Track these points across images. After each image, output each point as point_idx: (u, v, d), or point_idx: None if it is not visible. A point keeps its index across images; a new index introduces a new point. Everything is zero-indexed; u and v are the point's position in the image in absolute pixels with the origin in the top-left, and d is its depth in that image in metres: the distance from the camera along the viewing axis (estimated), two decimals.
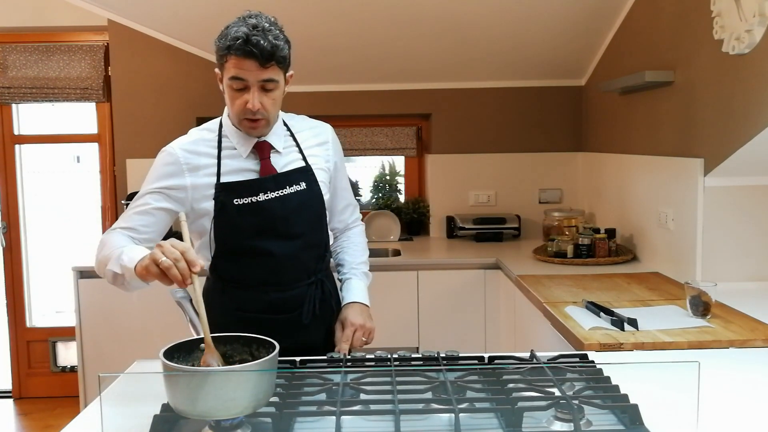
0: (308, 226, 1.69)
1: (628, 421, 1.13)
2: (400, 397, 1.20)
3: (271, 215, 1.63)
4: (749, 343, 1.72)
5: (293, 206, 1.65)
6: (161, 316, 3.02)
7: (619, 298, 2.17)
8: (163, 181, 1.61)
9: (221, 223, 1.63)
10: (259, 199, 1.62)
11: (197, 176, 1.62)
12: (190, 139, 1.67)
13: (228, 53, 1.52)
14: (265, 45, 1.50)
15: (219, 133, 1.66)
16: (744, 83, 2.06)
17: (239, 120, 1.60)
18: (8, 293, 3.84)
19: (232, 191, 1.62)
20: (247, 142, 1.65)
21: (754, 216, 2.36)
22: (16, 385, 3.85)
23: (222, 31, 1.57)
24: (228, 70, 1.54)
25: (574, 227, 3.16)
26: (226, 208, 1.61)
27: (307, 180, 1.69)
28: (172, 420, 1.15)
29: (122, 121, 3.65)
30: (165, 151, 1.64)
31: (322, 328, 1.76)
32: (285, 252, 1.65)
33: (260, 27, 1.52)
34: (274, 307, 1.68)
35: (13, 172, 3.79)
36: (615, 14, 3.06)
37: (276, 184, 1.64)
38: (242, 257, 1.65)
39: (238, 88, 1.55)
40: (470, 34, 3.21)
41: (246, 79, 1.53)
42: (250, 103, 1.54)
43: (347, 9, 3.02)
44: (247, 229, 1.63)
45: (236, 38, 1.50)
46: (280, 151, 1.68)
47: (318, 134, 1.77)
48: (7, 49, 3.64)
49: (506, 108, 3.69)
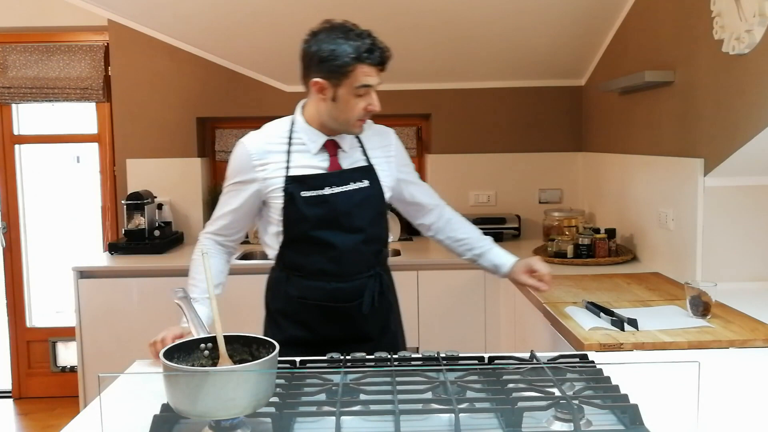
0: (369, 221, 1.79)
1: (628, 421, 1.13)
2: (400, 397, 1.20)
3: (335, 208, 1.74)
4: (749, 343, 1.72)
5: (356, 201, 1.76)
6: (161, 316, 3.02)
7: (619, 299, 2.17)
8: (237, 177, 1.77)
9: (289, 213, 1.74)
10: (324, 192, 1.73)
11: (267, 170, 1.74)
12: (263, 133, 1.80)
13: (357, 63, 1.65)
14: (387, 53, 1.70)
15: (290, 130, 1.78)
16: (744, 83, 2.06)
17: (353, 122, 1.73)
18: (8, 293, 3.84)
19: (300, 183, 1.73)
20: (318, 139, 1.77)
21: (754, 216, 2.36)
22: (16, 385, 3.85)
23: (321, 39, 1.69)
24: (355, 79, 1.66)
25: (574, 227, 3.16)
26: (294, 199, 1.72)
27: (370, 178, 1.80)
28: (172, 420, 1.15)
29: (122, 121, 3.65)
30: (240, 144, 1.78)
31: (379, 320, 1.86)
32: (347, 244, 1.75)
33: (373, 35, 1.70)
34: (334, 297, 1.78)
35: (13, 172, 3.79)
36: (615, 14, 3.06)
37: (341, 180, 1.76)
38: (307, 247, 1.76)
39: (363, 93, 1.69)
40: (470, 34, 3.21)
41: (371, 84, 1.70)
42: (372, 105, 1.72)
43: (347, 9, 3.01)
44: (313, 220, 1.73)
45: (369, 48, 1.66)
46: (346, 150, 1.79)
47: (381, 138, 1.89)
48: (7, 49, 3.64)
49: (506, 108, 3.69)
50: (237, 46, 3.44)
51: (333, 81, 1.68)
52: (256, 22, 3.14)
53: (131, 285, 3.08)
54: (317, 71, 1.68)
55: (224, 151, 3.84)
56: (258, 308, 3.08)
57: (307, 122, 1.78)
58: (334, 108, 1.71)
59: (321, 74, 1.68)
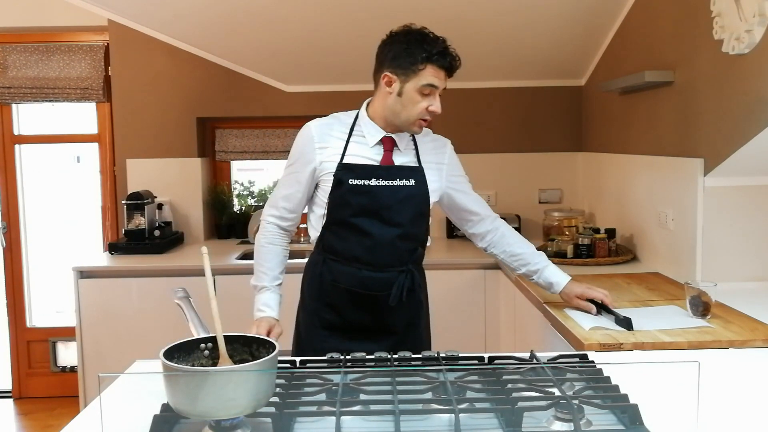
0: (409, 219, 1.87)
1: (628, 421, 1.13)
2: (400, 397, 1.20)
3: (378, 200, 1.83)
4: (749, 343, 1.72)
5: (400, 197, 1.84)
6: (161, 316, 3.02)
7: (619, 298, 2.16)
8: (300, 157, 1.88)
9: (335, 197, 1.84)
10: (371, 183, 1.82)
11: (325, 153, 1.85)
12: (328, 120, 1.91)
13: (427, 62, 1.75)
14: (456, 60, 1.81)
15: (354, 122, 1.89)
16: (744, 83, 2.06)
17: (414, 120, 1.81)
18: (8, 293, 3.84)
19: (349, 171, 1.83)
20: (377, 133, 1.86)
21: (754, 216, 2.36)
22: (16, 385, 3.85)
23: (397, 39, 1.81)
24: (423, 77, 1.76)
25: (574, 227, 3.16)
26: (342, 184, 1.82)
27: (417, 179, 1.87)
28: (172, 420, 1.15)
29: (122, 121, 3.65)
30: (305, 127, 1.90)
31: (406, 315, 1.93)
32: (383, 236, 1.84)
33: (448, 43, 1.80)
34: (364, 284, 1.86)
35: (13, 172, 3.79)
36: (615, 14, 3.06)
37: (389, 174, 1.84)
38: (345, 233, 1.85)
39: (427, 93, 1.78)
40: (470, 34, 3.21)
41: (437, 86, 1.78)
42: (434, 107, 1.80)
43: (347, 9, 3.02)
44: (355, 207, 1.83)
45: (440, 52, 1.76)
46: (401, 149, 1.89)
47: (436, 145, 1.98)
48: (7, 49, 3.64)
49: (506, 108, 3.69)
50: (237, 46, 3.44)
51: (402, 77, 1.78)
52: (256, 22, 3.14)
53: (131, 285, 3.09)
54: (390, 66, 1.80)
55: (224, 151, 3.84)
56: None
57: (370, 117, 1.88)
58: (398, 103, 1.81)
59: (392, 69, 1.79)
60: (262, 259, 1.94)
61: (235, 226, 3.81)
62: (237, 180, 3.98)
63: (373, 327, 1.90)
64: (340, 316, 1.91)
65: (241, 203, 3.91)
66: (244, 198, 3.92)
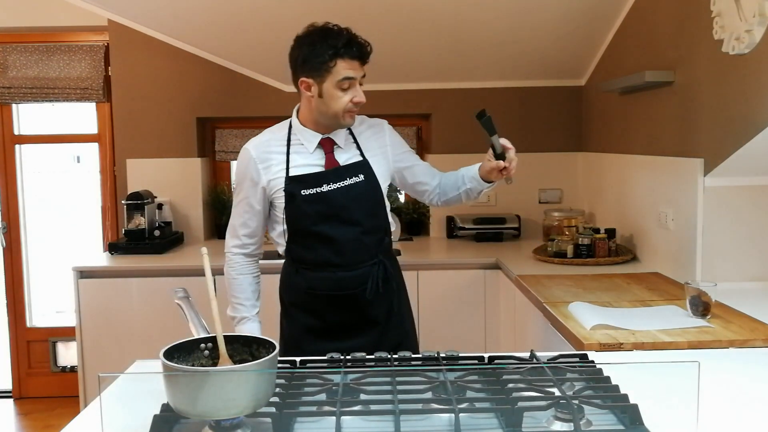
0: (366, 214, 1.89)
1: (628, 421, 1.13)
2: (400, 397, 1.20)
3: (333, 204, 1.84)
4: (749, 343, 1.72)
5: (353, 196, 1.86)
6: (161, 316, 3.02)
7: (619, 298, 2.17)
8: (246, 181, 1.88)
9: (291, 211, 1.86)
10: (322, 189, 1.84)
11: (270, 172, 1.86)
12: (264, 138, 1.91)
13: (336, 58, 1.76)
14: (366, 47, 1.80)
15: (288, 132, 1.90)
16: (744, 83, 2.06)
17: (343, 114, 1.82)
18: (8, 293, 3.84)
19: (299, 183, 1.84)
20: (314, 138, 1.88)
21: (754, 216, 2.36)
22: (16, 385, 3.85)
23: (303, 42, 1.81)
24: (337, 73, 1.77)
25: (574, 227, 3.16)
26: (295, 198, 1.84)
27: (365, 173, 1.89)
28: (172, 420, 1.15)
29: (122, 121, 3.65)
30: (243, 150, 1.90)
31: (385, 304, 1.96)
32: (346, 236, 1.86)
33: (351, 31, 1.80)
34: (340, 286, 1.89)
35: (13, 172, 3.79)
36: (615, 14, 3.06)
37: (337, 176, 1.86)
38: (310, 241, 1.87)
39: (346, 87, 1.79)
40: (470, 34, 3.21)
41: (354, 77, 1.79)
42: (358, 98, 1.81)
43: (347, 9, 3.01)
44: (313, 216, 1.85)
45: (346, 44, 1.76)
46: (342, 146, 1.90)
47: (374, 130, 1.98)
48: (7, 49, 3.64)
49: (506, 108, 3.69)
50: (237, 46, 3.44)
51: (317, 78, 1.79)
52: (256, 22, 3.14)
53: (131, 285, 3.09)
54: (302, 71, 1.81)
55: (224, 151, 3.84)
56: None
57: (301, 123, 1.89)
58: (321, 104, 1.82)
59: (306, 73, 1.80)
60: (236, 291, 1.96)
61: None
62: None
63: (356, 323, 1.93)
64: (321, 320, 1.93)
65: None
66: None
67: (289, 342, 1.98)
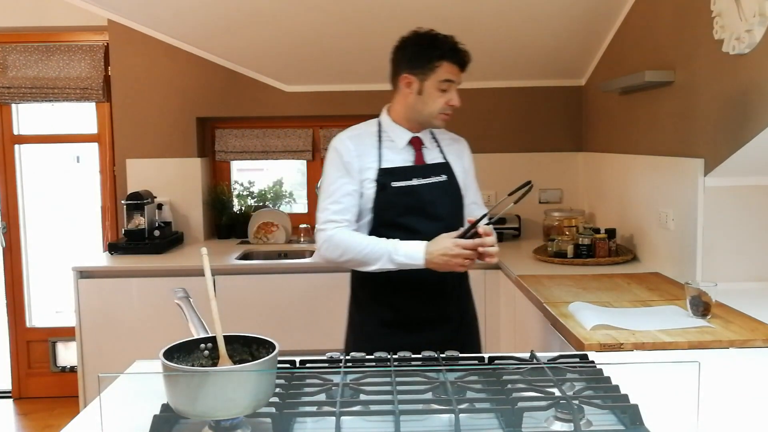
0: (449, 211, 1.98)
1: (628, 421, 1.13)
2: (400, 397, 1.20)
3: (421, 198, 1.92)
4: (749, 343, 1.72)
5: (438, 193, 1.95)
6: (161, 316, 3.02)
7: (619, 299, 2.17)
8: (342, 167, 1.92)
9: (380, 201, 1.91)
10: (412, 183, 1.92)
11: (364, 162, 1.92)
12: (355, 132, 1.98)
13: (442, 59, 1.87)
14: (467, 55, 1.91)
15: (378, 130, 1.98)
16: (744, 83, 2.06)
17: (436, 114, 1.92)
18: (8, 293, 3.84)
19: (390, 175, 1.91)
20: (405, 135, 1.97)
21: (754, 216, 2.36)
22: (15, 385, 3.85)
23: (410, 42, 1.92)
24: (440, 74, 1.88)
25: (574, 227, 3.16)
26: (386, 188, 1.90)
27: (447, 173, 1.99)
28: (172, 420, 1.15)
29: (122, 121, 3.65)
30: (339, 140, 1.95)
31: (459, 303, 2.02)
32: (429, 230, 1.88)
33: (456, 40, 1.90)
34: (419, 279, 1.91)
35: (13, 172, 3.79)
36: (615, 14, 3.06)
37: (425, 173, 1.95)
38: (394, 233, 1.89)
39: (445, 89, 1.90)
40: (470, 34, 3.19)
41: (454, 81, 1.91)
42: (454, 101, 1.93)
43: (347, 9, 3.02)
44: (401, 208, 1.91)
45: (451, 49, 1.88)
46: (427, 146, 2.00)
47: (457, 145, 2.10)
48: (7, 49, 3.64)
49: (506, 108, 3.69)
50: (237, 46, 3.44)
51: (420, 76, 1.90)
52: (256, 22, 3.14)
53: (131, 285, 3.09)
54: (407, 68, 1.91)
55: (224, 151, 3.84)
56: (257, 308, 3.09)
57: (393, 121, 1.98)
58: (419, 101, 1.92)
59: (410, 70, 1.91)
60: (360, 240, 1.86)
61: (234, 226, 3.81)
62: (237, 180, 3.98)
63: (431, 318, 1.96)
64: (399, 314, 1.96)
65: (241, 203, 3.91)
66: (244, 198, 3.92)
67: (361, 335, 2.01)
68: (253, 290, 3.09)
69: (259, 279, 3.09)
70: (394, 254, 1.82)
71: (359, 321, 2.04)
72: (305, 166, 3.95)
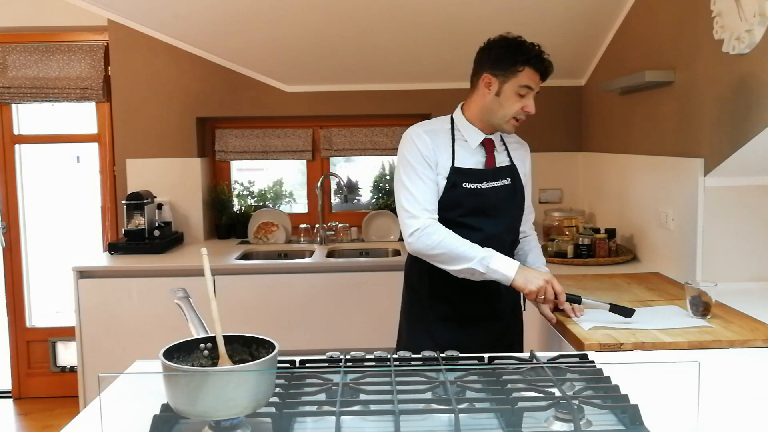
0: (511, 214, 2.03)
1: (628, 421, 1.13)
2: (400, 397, 1.20)
3: (487, 201, 1.95)
4: (749, 343, 1.72)
5: (502, 196, 1.98)
6: (161, 316, 3.02)
7: (619, 298, 2.16)
8: (423, 159, 1.92)
9: (448, 199, 1.93)
10: (482, 186, 1.94)
11: (439, 157, 1.93)
12: (429, 127, 1.99)
13: (526, 65, 1.88)
14: (550, 66, 1.92)
15: (452, 127, 1.99)
16: (744, 83, 2.06)
17: (509, 118, 1.93)
18: (8, 293, 3.84)
19: (463, 175, 1.94)
20: (478, 136, 1.98)
21: (755, 216, 2.36)
22: (15, 385, 3.85)
23: (496, 44, 1.92)
24: (521, 78, 1.89)
25: (574, 227, 3.16)
26: (456, 187, 1.93)
27: (513, 177, 2.02)
28: (172, 420, 1.15)
29: (122, 121, 3.65)
30: (415, 133, 1.95)
31: (510, 301, 2.07)
32: (492, 230, 1.95)
33: (542, 49, 1.91)
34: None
35: (13, 172, 3.79)
36: (615, 14, 3.06)
37: (494, 176, 1.98)
38: (457, 229, 1.90)
39: (523, 94, 1.90)
40: (470, 34, 3.20)
41: (533, 88, 1.91)
42: (530, 108, 1.93)
43: (347, 9, 3.02)
44: (467, 208, 1.93)
45: (536, 56, 1.88)
46: (497, 149, 2.02)
47: (523, 150, 2.12)
48: (7, 49, 3.64)
49: None
50: (237, 46, 3.44)
51: (501, 77, 1.91)
52: (256, 22, 3.14)
53: (131, 285, 3.08)
54: (490, 68, 1.92)
55: (224, 151, 3.84)
56: (257, 308, 3.09)
57: (467, 119, 1.99)
58: (495, 102, 1.93)
59: (492, 71, 1.92)
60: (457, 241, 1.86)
61: (234, 226, 3.81)
62: (237, 180, 3.98)
63: (483, 314, 2.01)
64: (453, 308, 1.99)
65: (241, 203, 3.91)
66: (244, 198, 3.92)
67: (415, 329, 2.04)
68: (253, 290, 3.09)
69: (259, 279, 3.09)
70: (489, 259, 1.83)
71: (411, 314, 2.07)
72: (305, 166, 3.95)
